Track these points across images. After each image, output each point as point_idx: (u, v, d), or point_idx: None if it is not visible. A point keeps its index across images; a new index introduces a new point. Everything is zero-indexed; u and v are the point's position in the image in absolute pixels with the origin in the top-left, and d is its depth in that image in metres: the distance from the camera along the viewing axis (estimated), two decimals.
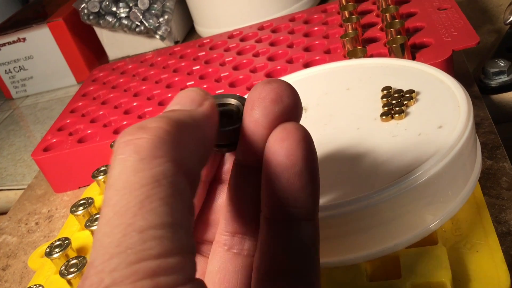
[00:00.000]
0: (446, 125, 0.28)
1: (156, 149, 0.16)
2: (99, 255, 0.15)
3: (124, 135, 0.17)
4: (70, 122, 0.58)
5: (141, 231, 0.15)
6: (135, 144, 0.16)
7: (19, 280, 0.44)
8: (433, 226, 0.27)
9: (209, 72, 0.58)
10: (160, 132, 0.16)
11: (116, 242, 0.15)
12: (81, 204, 0.42)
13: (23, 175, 0.66)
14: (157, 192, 0.15)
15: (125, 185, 0.16)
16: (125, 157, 0.16)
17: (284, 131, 0.19)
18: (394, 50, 0.45)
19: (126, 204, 0.15)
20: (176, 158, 0.16)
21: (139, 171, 0.16)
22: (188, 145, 0.17)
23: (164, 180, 0.16)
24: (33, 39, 0.85)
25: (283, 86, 0.19)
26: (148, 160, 0.16)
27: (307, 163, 0.19)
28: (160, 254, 0.15)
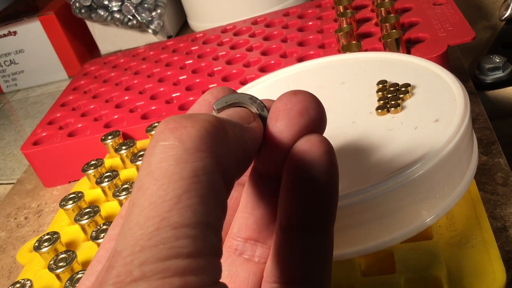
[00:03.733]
0: (442, 119, 0.28)
1: (201, 142, 0.16)
2: (129, 246, 0.14)
3: (169, 121, 0.16)
4: (60, 116, 0.57)
5: (175, 227, 0.14)
6: (181, 133, 0.16)
7: (8, 275, 0.43)
8: (428, 221, 0.27)
9: (202, 66, 0.57)
10: (207, 125, 0.16)
11: (149, 235, 0.14)
12: (70, 198, 0.41)
13: (13, 169, 0.65)
14: (196, 188, 0.15)
15: (164, 174, 0.15)
16: (168, 145, 0.16)
17: (308, 143, 0.18)
18: (389, 44, 0.44)
19: (164, 195, 0.15)
20: (218, 155, 0.16)
21: (181, 162, 0.15)
22: (231, 147, 0.17)
23: (204, 177, 0.15)
24: (24, 32, 0.84)
25: (310, 99, 0.19)
26: (191, 151, 0.15)
27: (328, 176, 0.18)
28: (192, 253, 0.14)
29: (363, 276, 0.28)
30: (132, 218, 0.15)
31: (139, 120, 0.50)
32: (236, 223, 0.21)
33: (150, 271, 0.14)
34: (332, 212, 0.19)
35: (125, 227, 0.15)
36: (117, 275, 0.14)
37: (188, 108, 0.50)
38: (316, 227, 0.19)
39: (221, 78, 0.53)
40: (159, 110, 0.52)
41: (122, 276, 0.14)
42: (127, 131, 0.50)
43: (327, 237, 0.19)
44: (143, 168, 0.16)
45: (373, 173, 0.27)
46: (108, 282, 0.14)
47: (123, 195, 0.39)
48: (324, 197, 0.19)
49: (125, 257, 0.14)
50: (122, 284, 0.14)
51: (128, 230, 0.15)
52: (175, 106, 0.51)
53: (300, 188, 0.18)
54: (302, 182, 0.18)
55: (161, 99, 0.53)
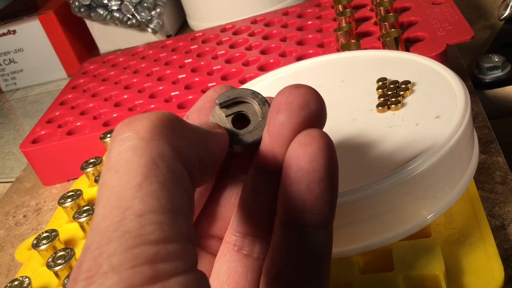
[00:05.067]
0: (443, 115, 0.28)
1: (156, 131, 0.16)
2: (96, 239, 0.14)
3: (126, 119, 0.17)
4: (59, 114, 0.57)
5: (139, 214, 0.14)
6: (135, 125, 0.16)
7: (6, 273, 0.43)
8: (429, 218, 0.26)
9: (201, 65, 0.57)
10: (161, 116, 0.17)
11: (114, 226, 0.14)
12: (69, 196, 0.41)
13: (12, 168, 0.65)
14: (156, 175, 0.15)
15: (123, 165, 0.15)
16: (123, 137, 0.16)
17: (309, 136, 0.18)
18: (388, 43, 0.44)
19: (125, 185, 0.15)
20: (175, 144, 0.16)
21: (137, 151, 0.15)
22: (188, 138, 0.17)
23: (162, 163, 0.15)
24: (23, 31, 0.84)
25: (311, 92, 0.19)
26: (147, 140, 0.16)
27: (328, 171, 0.18)
28: (159, 240, 0.14)
29: (361, 274, 0.28)
30: (98, 212, 0.15)
31: None
32: (235, 219, 0.21)
33: (118, 262, 0.14)
34: (332, 208, 0.19)
35: (93, 222, 0.15)
36: (88, 269, 0.14)
37: (187, 107, 0.50)
38: (315, 223, 0.19)
39: (220, 77, 0.53)
40: (158, 109, 0.52)
41: (92, 270, 0.14)
42: None
43: (326, 234, 0.19)
44: (104, 164, 0.16)
45: (374, 170, 0.27)
46: (80, 278, 0.14)
47: None
48: (324, 192, 0.19)
49: (93, 250, 0.14)
50: (93, 278, 0.14)
51: (96, 224, 0.15)
52: (174, 105, 0.51)
53: (300, 183, 0.18)
54: (302, 177, 0.18)
55: (160, 98, 0.53)
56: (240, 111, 0.21)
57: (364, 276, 0.28)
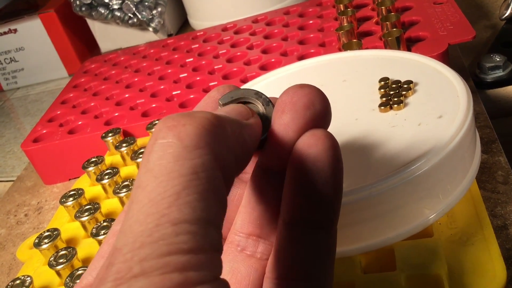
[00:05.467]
0: (446, 115, 0.28)
1: (200, 139, 0.16)
2: (129, 242, 0.14)
3: (168, 120, 0.16)
4: (60, 113, 0.57)
5: (175, 223, 0.14)
6: (179, 131, 0.16)
7: (7, 272, 0.43)
8: (431, 218, 0.26)
9: (203, 64, 0.57)
10: (205, 122, 0.16)
11: (149, 231, 0.14)
12: (71, 195, 0.41)
13: (13, 167, 0.65)
14: (195, 185, 0.15)
15: (163, 172, 0.15)
16: (167, 142, 0.16)
17: (313, 137, 0.18)
18: (390, 43, 0.44)
19: (163, 192, 0.15)
20: (216, 152, 0.16)
21: (179, 159, 0.15)
22: (229, 144, 0.17)
23: (203, 173, 0.15)
24: (24, 30, 0.84)
25: (316, 92, 0.19)
26: (190, 149, 0.15)
27: (333, 171, 0.18)
28: (192, 249, 0.14)
29: (363, 273, 0.28)
30: (132, 215, 0.15)
31: (140, 118, 0.50)
32: (239, 219, 0.21)
33: (150, 267, 0.14)
34: (336, 208, 0.19)
35: (125, 225, 0.15)
36: (117, 271, 0.14)
37: (188, 106, 0.50)
38: (319, 223, 0.19)
39: (222, 76, 0.53)
40: (159, 108, 0.52)
41: (122, 272, 0.14)
42: (127, 128, 0.50)
43: (330, 234, 0.19)
44: (142, 166, 0.16)
45: (376, 169, 0.27)
46: (108, 279, 0.14)
47: (124, 192, 0.39)
48: (329, 193, 0.18)
49: (125, 253, 0.14)
50: (122, 280, 0.14)
51: (128, 227, 0.15)
52: (175, 104, 0.51)
53: (304, 183, 0.18)
54: (307, 177, 0.18)
55: (161, 97, 0.53)
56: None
57: (366, 275, 0.28)
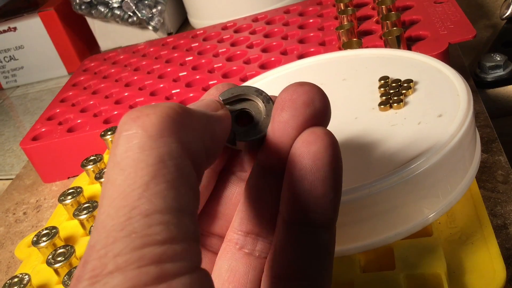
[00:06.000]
0: (446, 114, 0.28)
1: (164, 128, 0.15)
2: (102, 238, 0.14)
3: (132, 112, 0.16)
4: (60, 111, 0.57)
5: (146, 215, 0.14)
6: (143, 121, 0.15)
7: (6, 270, 0.43)
8: (430, 218, 0.26)
9: (202, 63, 0.57)
10: (169, 111, 0.16)
11: (120, 225, 0.14)
12: (69, 193, 0.41)
13: (12, 165, 0.65)
14: (164, 174, 0.15)
15: (130, 163, 0.15)
16: (131, 134, 0.15)
17: (313, 134, 0.18)
18: (390, 42, 0.44)
19: (132, 184, 0.15)
20: (183, 140, 0.16)
21: (145, 149, 0.15)
22: (197, 132, 0.17)
23: (170, 162, 0.15)
24: (24, 28, 0.84)
25: (315, 90, 0.19)
26: (155, 138, 0.15)
27: (332, 169, 0.18)
28: (166, 240, 0.14)
29: (362, 272, 0.28)
30: (103, 210, 0.15)
31: None
32: (238, 217, 0.21)
33: (124, 262, 0.13)
34: (336, 207, 0.19)
35: (97, 221, 0.15)
36: (92, 269, 0.14)
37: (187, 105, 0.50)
38: (319, 222, 0.19)
39: (221, 75, 0.53)
40: None
41: (97, 269, 0.14)
42: None
43: (329, 233, 0.19)
44: (110, 160, 0.16)
45: (376, 168, 0.26)
46: (84, 277, 0.14)
47: None
48: (328, 191, 0.18)
49: (98, 250, 0.14)
50: (97, 278, 0.13)
51: (100, 223, 0.15)
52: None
53: (303, 181, 0.18)
54: (306, 175, 0.18)
55: (161, 96, 0.53)
56: (244, 109, 0.21)
57: (365, 274, 0.28)
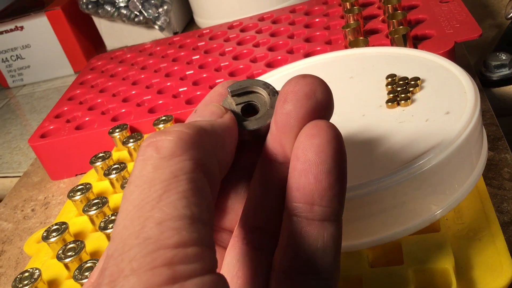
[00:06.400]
0: (453, 111, 0.28)
1: (176, 148, 0.17)
2: (119, 247, 0.15)
3: (146, 139, 0.18)
4: (67, 109, 0.57)
5: (159, 222, 0.15)
6: (156, 145, 0.17)
7: (15, 266, 0.43)
8: (438, 214, 0.27)
9: (209, 61, 0.58)
10: (180, 134, 0.17)
11: (135, 234, 0.15)
12: (78, 189, 0.41)
13: (19, 163, 0.66)
14: (176, 187, 0.16)
15: (145, 180, 0.16)
16: (146, 157, 0.17)
17: (316, 127, 0.18)
18: (396, 40, 0.44)
19: (145, 198, 0.16)
20: (195, 157, 0.17)
21: (159, 168, 0.16)
22: (207, 147, 0.18)
23: (183, 176, 0.16)
24: (30, 28, 0.84)
25: (317, 82, 0.19)
26: (168, 158, 0.16)
27: (336, 162, 0.18)
28: (178, 243, 0.15)
29: (370, 267, 0.28)
30: (119, 223, 0.16)
31: (146, 114, 0.50)
32: (244, 212, 0.21)
33: (138, 265, 0.14)
34: (341, 199, 0.19)
35: (114, 232, 0.16)
36: (110, 275, 0.15)
37: (194, 103, 0.51)
38: (324, 215, 0.19)
39: (228, 73, 0.53)
40: (166, 104, 0.52)
41: (115, 275, 0.15)
42: (134, 124, 0.50)
43: (336, 226, 0.19)
44: (127, 183, 0.17)
45: (384, 164, 0.27)
46: (103, 282, 0.15)
47: None
48: (333, 183, 0.18)
49: (116, 257, 0.15)
50: (115, 282, 0.14)
51: (117, 234, 0.16)
52: (182, 100, 0.51)
53: (307, 174, 0.18)
54: (310, 168, 0.18)
55: (168, 94, 0.53)
56: (251, 101, 0.21)
57: (373, 269, 0.28)
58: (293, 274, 0.19)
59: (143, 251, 0.15)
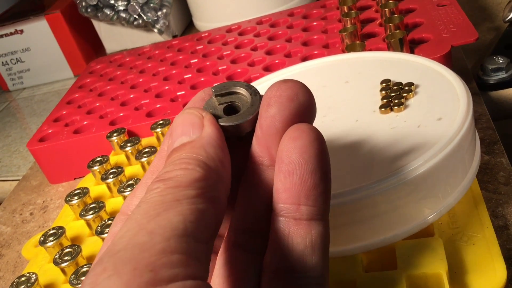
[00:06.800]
0: (445, 117, 0.28)
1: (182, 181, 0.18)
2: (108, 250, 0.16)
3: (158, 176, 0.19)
4: (66, 113, 0.57)
5: (150, 232, 0.16)
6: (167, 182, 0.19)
7: (13, 270, 0.44)
8: (430, 218, 0.27)
9: (207, 65, 0.58)
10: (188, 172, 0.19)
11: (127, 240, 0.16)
12: (76, 193, 0.41)
13: (18, 166, 0.66)
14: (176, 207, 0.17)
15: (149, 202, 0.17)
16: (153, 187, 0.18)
17: (298, 130, 0.19)
18: (393, 44, 0.44)
19: (145, 214, 0.17)
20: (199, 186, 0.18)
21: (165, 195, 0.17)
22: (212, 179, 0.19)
23: (185, 200, 0.17)
24: (30, 31, 0.84)
25: (298, 85, 0.20)
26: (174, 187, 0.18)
27: (320, 162, 0.19)
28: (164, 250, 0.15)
29: (365, 272, 0.28)
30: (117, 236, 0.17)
31: (144, 118, 0.51)
32: (234, 215, 0.22)
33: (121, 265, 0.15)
34: (326, 199, 0.20)
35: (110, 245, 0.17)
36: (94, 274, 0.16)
37: None
38: (310, 215, 0.19)
39: (226, 77, 0.53)
40: (164, 108, 0.52)
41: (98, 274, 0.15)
42: (132, 128, 0.50)
43: (322, 225, 0.20)
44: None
45: (376, 170, 0.27)
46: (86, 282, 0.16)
47: (128, 191, 0.39)
48: (317, 183, 0.19)
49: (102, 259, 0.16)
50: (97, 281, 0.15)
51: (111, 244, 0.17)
52: (179, 104, 0.51)
53: (292, 175, 0.19)
54: (295, 169, 0.19)
55: (166, 97, 0.54)
56: (233, 101, 0.22)
57: (367, 274, 0.28)
58: (283, 273, 0.20)
59: (129, 253, 0.15)
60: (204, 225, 0.17)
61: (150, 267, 0.15)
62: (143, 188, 0.22)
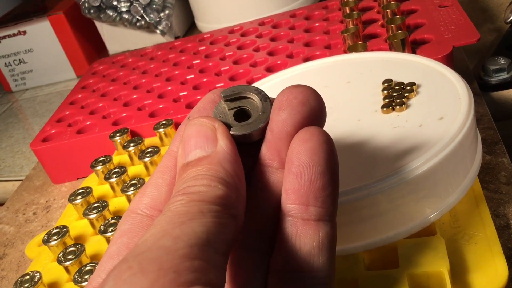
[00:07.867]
0: (447, 117, 0.28)
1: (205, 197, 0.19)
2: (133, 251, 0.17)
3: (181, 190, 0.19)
4: (69, 113, 0.57)
5: (175, 237, 0.17)
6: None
7: (16, 269, 0.44)
8: (432, 217, 0.27)
9: (209, 66, 0.58)
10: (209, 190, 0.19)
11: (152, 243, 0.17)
12: (79, 193, 0.42)
13: (21, 166, 0.66)
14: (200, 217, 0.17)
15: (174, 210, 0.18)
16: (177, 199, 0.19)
17: (308, 133, 0.20)
18: (395, 45, 0.45)
19: (170, 221, 0.17)
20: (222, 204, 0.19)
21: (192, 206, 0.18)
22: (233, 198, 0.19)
23: (209, 213, 0.18)
24: (33, 32, 0.85)
25: (310, 90, 0.20)
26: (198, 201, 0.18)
27: (329, 164, 0.19)
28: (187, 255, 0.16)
29: (366, 270, 0.29)
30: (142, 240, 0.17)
31: (147, 118, 0.51)
32: None
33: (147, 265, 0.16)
34: (334, 200, 0.20)
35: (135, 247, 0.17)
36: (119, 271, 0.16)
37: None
38: (319, 216, 0.20)
39: (228, 78, 0.53)
40: (166, 108, 0.52)
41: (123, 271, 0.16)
42: (135, 128, 0.50)
43: (330, 226, 0.20)
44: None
45: (378, 169, 0.27)
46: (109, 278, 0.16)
47: (131, 191, 0.40)
48: (326, 185, 0.19)
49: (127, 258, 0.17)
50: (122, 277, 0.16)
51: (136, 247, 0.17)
52: (182, 105, 0.51)
53: (302, 177, 0.19)
54: (304, 170, 0.19)
55: (168, 98, 0.54)
56: (243, 106, 0.22)
57: (369, 272, 0.28)
58: (290, 273, 0.20)
59: (154, 254, 0.16)
60: (223, 238, 0.18)
61: (173, 268, 0.15)
62: (153, 187, 0.23)
